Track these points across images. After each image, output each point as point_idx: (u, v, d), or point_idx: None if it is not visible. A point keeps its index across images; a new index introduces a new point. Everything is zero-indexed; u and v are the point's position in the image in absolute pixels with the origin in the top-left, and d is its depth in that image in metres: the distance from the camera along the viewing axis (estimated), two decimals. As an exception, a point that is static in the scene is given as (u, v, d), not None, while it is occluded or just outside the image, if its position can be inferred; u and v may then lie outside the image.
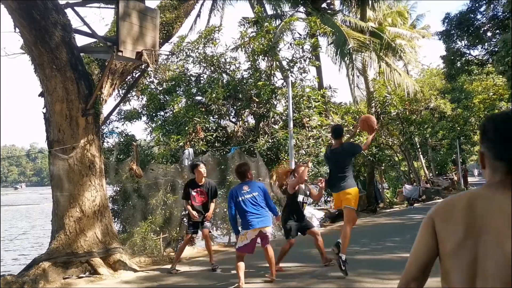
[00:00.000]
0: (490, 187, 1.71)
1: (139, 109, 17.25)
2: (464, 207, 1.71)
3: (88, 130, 9.08)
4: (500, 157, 1.71)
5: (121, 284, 7.57)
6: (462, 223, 1.68)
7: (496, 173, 1.71)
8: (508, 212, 1.60)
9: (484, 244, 1.62)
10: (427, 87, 32.49)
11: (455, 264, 1.68)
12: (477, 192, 1.74)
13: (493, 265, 1.59)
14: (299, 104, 16.02)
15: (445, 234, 1.73)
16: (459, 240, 1.68)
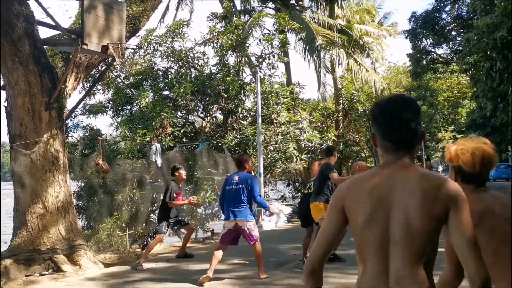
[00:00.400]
0: (388, 164, 1.95)
1: (105, 103, 16.95)
2: (370, 185, 1.91)
3: (52, 125, 8.86)
4: (386, 138, 1.95)
5: (85, 281, 7.44)
6: (371, 199, 1.88)
7: (388, 152, 1.96)
8: (411, 185, 1.85)
9: (393, 215, 1.84)
10: (393, 84, 33.08)
11: (368, 236, 1.88)
12: (378, 171, 1.95)
13: (403, 232, 1.81)
14: (267, 100, 16.05)
15: (355, 211, 1.91)
16: (369, 214, 1.87)
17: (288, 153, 15.74)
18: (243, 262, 8.48)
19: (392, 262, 1.82)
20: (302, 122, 17.17)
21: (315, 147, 17.60)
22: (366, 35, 28.18)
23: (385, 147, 1.97)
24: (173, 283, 6.98)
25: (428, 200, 1.82)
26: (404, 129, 1.92)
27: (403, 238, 1.81)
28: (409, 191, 1.84)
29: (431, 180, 1.87)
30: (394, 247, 1.82)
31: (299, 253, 8.83)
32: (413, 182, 1.86)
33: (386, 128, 1.95)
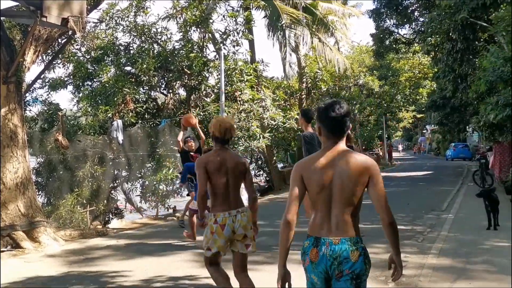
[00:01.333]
0: (328, 148, 2.89)
1: (65, 77, 16.56)
2: (318, 163, 2.85)
3: (10, 99, 8.64)
4: (328, 129, 2.88)
5: (45, 258, 7.38)
6: (319, 173, 2.82)
7: (329, 138, 2.89)
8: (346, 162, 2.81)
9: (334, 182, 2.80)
10: (356, 63, 33.41)
11: (319, 196, 2.83)
12: (322, 153, 2.88)
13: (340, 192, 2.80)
14: (231, 77, 16.00)
15: (310, 181, 2.85)
16: (321, 183, 2.81)
17: (251, 131, 15.81)
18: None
19: (333, 211, 2.82)
20: (265, 100, 17.23)
21: (278, 125, 17.73)
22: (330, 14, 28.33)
23: (328, 136, 2.90)
24: (134, 260, 7.01)
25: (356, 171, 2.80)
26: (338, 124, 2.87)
27: (340, 196, 2.80)
28: (344, 166, 2.81)
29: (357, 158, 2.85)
30: (334, 202, 2.82)
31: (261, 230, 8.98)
32: (346, 160, 2.83)
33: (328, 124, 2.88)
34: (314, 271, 2.80)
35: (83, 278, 6.04)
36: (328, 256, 2.76)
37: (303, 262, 2.86)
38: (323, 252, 2.77)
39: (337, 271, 2.76)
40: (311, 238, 2.84)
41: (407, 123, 58.48)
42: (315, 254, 2.79)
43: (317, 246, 2.79)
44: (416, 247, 7.59)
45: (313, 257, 2.80)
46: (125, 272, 6.30)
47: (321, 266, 2.77)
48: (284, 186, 20.95)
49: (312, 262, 2.80)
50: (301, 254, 2.88)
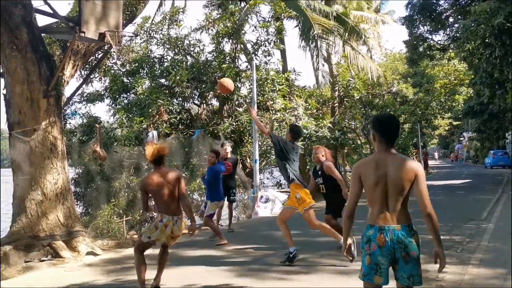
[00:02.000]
0: (381, 151, 3.56)
1: (102, 91, 17.00)
2: (373, 163, 3.52)
3: (50, 112, 8.94)
4: (383, 136, 3.55)
5: (84, 267, 7.56)
6: (374, 171, 3.47)
7: (381, 144, 3.55)
8: (397, 162, 3.47)
9: (388, 179, 3.45)
10: (389, 71, 33.04)
11: (375, 192, 3.48)
12: (377, 155, 3.57)
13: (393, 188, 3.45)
14: (263, 87, 16.10)
15: (366, 178, 3.51)
16: (374, 181, 3.47)
17: (284, 140, 15.83)
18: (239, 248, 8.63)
19: (389, 203, 3.47)
20: (297, 109, 17.26)
21: (310, 134, 17.71)
22: (363, 22, 28.13)
23: (381, 143, 3.57)
24: (170, 269, 7.10)
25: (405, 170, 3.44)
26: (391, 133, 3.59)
27: (394, 190, 3.45)
28: (396, 167, 3.46)
29: (405, 160, 3.53)
30: (389, 196, 3.47)
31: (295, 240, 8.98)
32: (398, 162, 3.49)
33: (383, 133, 3.56)
34: (382, 254, 3.39)
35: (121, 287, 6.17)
36: (394, 241, 3.38)
37: (368, 248, 3.44)
38: (389, 238, 3.39)
39: (403, 253, 3.39)
40: (376, 227, 3.46)
41: (443, 130, 57.36)
42: (383, 240, 3.39)
43: (382, 233, 3.41)
44: (455, 257, 7.43)
45: (380, 242, 3.39)
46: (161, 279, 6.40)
47: (388, 250, 3.38)
48: (318, 196, 20.79)
49: (380, 247, 3.39)
50: (365, 241, 3.48)
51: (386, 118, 3.76)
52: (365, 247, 3.48)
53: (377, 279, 3.43)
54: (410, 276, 3.41)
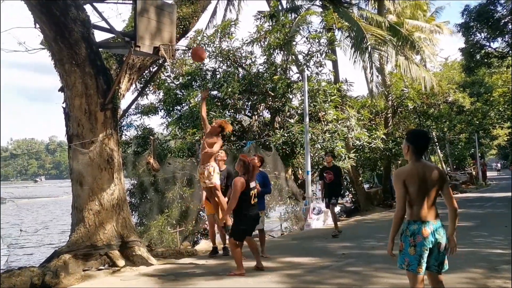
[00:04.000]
0: (418, 161, 4.29)
1: (156, 103, 17.38)
2: (414, 170, 4.24)
3: (107, 125, 9.19)
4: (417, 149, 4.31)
5: (139, 277, 7.67)
6: (417, 178, 4.19)
7: (416, 155, 4.29)
8: (430, 169, 4.26)
9: (427, 184, 4.18)
10: (445, 80, 32.13)
11: (417, 195, 4.18)
12: (415, 164, 4.27)
13: (431, 191, 4.20)
14: (314, 98, 16.02)
15: (410, 183, 4.19)
16: (418, 185, 4.18)
17: (336, 151, 15.66)
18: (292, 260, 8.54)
19: (427, 203, 4.18)
20: (350, 119, 17.04)
21: (363, 145, 17.43)
22: (417, 30, 27.57)
23: (415, 153, 4.32)
24: (223, 280, 7.11)
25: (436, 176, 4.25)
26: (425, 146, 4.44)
27: (430, 193, 4.21)
28: (431, 173, 4.24)
29: (436, 168, 4.42)
30: (427, 197, 4.20)
31: (348, 252, 8.81)
32: (431, 169, 4.31)
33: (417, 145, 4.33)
34: (426, 244, 4.09)
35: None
36: (434, 233, 4.12)
37: (413, 240, 4.11)
38: (431, 230, 4.12)
39: (439, 242, 4.15)
40: (419, 222, 4.15)
41: (502, 140, 55.13)
42: (427, 232, 4.10)
43: (426, 227, 4.12)
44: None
45: (425, 234, 4.10)
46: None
47: (430, 240, 4.10)
48: (370, 207, 20.42)
49: (425, 238, 4.08)
50: (410, 235, 4.13)
51: (422, 132, 4.61)
52: (409, 240, 4.13)
53: (420, 269, 4.13)
54: (440, 264, 4.22)
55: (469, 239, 10.62)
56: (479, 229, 12.30)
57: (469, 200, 23.94)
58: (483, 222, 13.96)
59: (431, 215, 4.17)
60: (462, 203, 21.77)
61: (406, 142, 4.33)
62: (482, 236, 11.05)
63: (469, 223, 13.95)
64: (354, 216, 18.42)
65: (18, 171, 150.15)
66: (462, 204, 21.39)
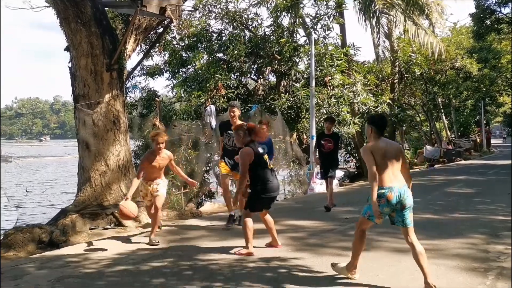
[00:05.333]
0: (380, 139, 5.00)
1: (161, 65, 17.27)
2: (379, 146, 4.92)
3: (113, 85, 9.18)
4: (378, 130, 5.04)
5: (145, 236, 7.80)
6: (381, 152, 4.88)
7: (377, 134, 5.02)
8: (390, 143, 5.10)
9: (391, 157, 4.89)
10: (453, 46, 31.71)
11: (383, 167, 4.83)
12: (378, 141, 4.97)
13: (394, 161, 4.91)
14: (321, 62, 15.87)
15: (376, 157, 4.86)
16: (382, 158, 4.86)
17: (341, 116, 15.62)
18: (295, 223, 8.64)
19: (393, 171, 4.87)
20: (356, 85, 16.92)
21: (369, 110, 17.37)
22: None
23: (377, 133, 5.04)
24: (228, 241, 7.22)
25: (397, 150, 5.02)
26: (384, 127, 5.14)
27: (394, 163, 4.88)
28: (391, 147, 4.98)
29: (395, 143, 5.36)
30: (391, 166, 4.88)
31: (351, 216, 8.90)
32: (391, 144, 5.10)
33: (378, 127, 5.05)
34: (388, 206, 4.81)
35: (181, 256, 6.33)
36: (398, 196, 4.80)
37: (378, 201, 4.78)
38: (396, 194, 4.79)
39: (401, 204, 4.82)
40: (386, 188, 4.81)
41: (508, 108, 54.83)
42: (391, 196, 4.78)
43: (391, 191, 4.79)
44: (520, 239, 7.16)
45: (390, 197, 4.78)
46: (219, 250, 6.53)
47: (393, 202, 4.79)
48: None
49: (389, 201, 4.78)
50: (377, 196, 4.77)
51: (381, 116, 5.43)
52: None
53: (376, 221, 4.93)
54: (404, 220, 4.88)
55: (472, 206, 10.71)
56: (482, 196, 12.36)
57: (472, 167, 24.00)
58: (486, 189, 14.03)
59: (396, 181, 4.89)
60: (465, 170, 21.87)
61: (368, 125, 5.10)
62: (484, 203, 11.12)
63: (472, 190, 14.03)
64: (357, 181, 18.53)
65: (23, 130, 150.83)
66: (465, 171, 21.51)
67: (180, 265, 5.87)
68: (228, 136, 8.20)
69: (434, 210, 10.05)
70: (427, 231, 7.74)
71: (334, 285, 5.00)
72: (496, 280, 5.10)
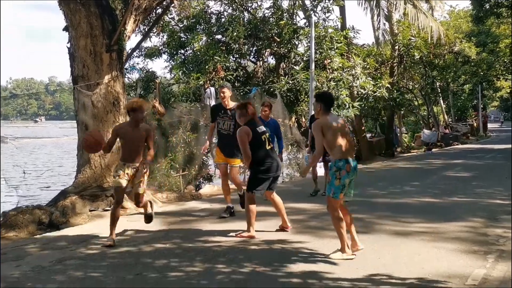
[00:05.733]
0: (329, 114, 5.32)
1: (160, 46, 17.14)
2: (329, 122, 5.21)
3: (112, 66, 9.10)
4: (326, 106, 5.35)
5: (145, 218, 7.80)
6: (332, 127, 5.18)
7: (326, 112, 5.32)
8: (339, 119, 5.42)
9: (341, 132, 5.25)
10: (452, 29, 31.57)
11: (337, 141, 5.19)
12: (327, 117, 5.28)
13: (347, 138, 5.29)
14: (321, 45, 15.77)
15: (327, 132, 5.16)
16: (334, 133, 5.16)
17: (341, 100, 15.58)
18: (295, 206, 8.67)
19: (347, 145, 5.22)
20: (355, 68, 16.84)
21: (368, 94, 17.32)
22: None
23: (326, 109, 5.30)
24: (228, 223, 7.24)
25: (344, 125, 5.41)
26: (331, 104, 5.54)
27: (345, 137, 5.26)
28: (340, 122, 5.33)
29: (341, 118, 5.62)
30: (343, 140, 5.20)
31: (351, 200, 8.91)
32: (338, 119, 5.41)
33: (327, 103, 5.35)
34: (348, 176, 5.18)
35: (182, 238, 6.35)
36: (354, 168, 5.25)
37: (339, 174, 5.15)
38: (352, 166, 5.20)
39: (354, 176, 5.30)
40: (343, 160, 5.18)
41: (505, 92, 54.82)
42: (349, 168, 5.17)
43: (348, 163, 5.17)
44: (518, 224, 7.20)
45: (348, 169, 5.16)
46: (220, 233, 6.55)
47: (351, 174, 5.21)
48: (372, 157, 20.55)
49: (348, 172, 5.15)
50: (336, 170, 5.16)
51: (328, 94, 5.90)
52: (336, 174, 5.17)
53: (341, 196, 5.21)
54: (351, 192, 5.37)
55: (470, 190, 10.76)
56: (480, 180, 12.42)
57: (469, 151, 24.08)
58: (483, 173, 14.09)
59: (351, 154, 5.30)
60: (462, 154, 21.95)
61: (317, 103, 5.36)
62: (482, 187, 11.18)
63: (470, 173, 14.09)
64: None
65: (18, 111, 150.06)
66: (462, 155, 21.59)
67: (182, 247, 5.89)
68: (222, 119, 7.74)
69: (433, 194, 10.10)
70: (426, 215, 7.79)
71: (336, 266, 5.02)
72: (495, 263, 5.14)
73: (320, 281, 4.57)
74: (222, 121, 7.73)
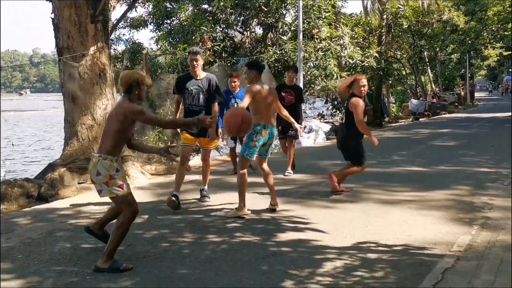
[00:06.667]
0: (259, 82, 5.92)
1: (145, 17, 16.87)
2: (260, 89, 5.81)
3: (98, 38, 8.96)
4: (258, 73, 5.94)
5: (135, 190, 7.69)
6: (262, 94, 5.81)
7: (258, 78, 5.92)
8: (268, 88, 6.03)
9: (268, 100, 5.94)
10: (441, -2, 31.39)
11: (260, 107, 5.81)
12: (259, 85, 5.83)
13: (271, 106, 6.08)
14: (309, 14, 15.62)
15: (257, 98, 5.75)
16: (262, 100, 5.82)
17: (329, 70, 15.53)
18: (284, 177, 8.72)
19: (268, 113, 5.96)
20: (343, 38, 16.74)
21: (356, 64, 17.27)
22: None
23: (257, 77, 5.89)
24: (217, 194, 7.28)
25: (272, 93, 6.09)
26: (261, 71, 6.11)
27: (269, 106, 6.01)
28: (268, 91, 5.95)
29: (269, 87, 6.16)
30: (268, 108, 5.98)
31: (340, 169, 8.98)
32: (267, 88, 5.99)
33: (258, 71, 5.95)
34: (262, 141, 5.78)
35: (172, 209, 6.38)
36: (270, 134, 5.84)
37: (255, 137, 5.70)
38: (268, 131, 5.81)
39: (270, 140, 5.92)
40: (262, 125, 5.74)
41: (493, 61, 54.97)
42: (265, 133, 5.77)
43: (265, 129, 5.77)
44: (502, 190, 7.34)
45: (264, 134, 5.77)
46: (209, 204, 6.60)
47: (266, 138, 5.80)
48: (360, 127, 20.58)
49: (263, 136, 5.75)
50: (253, 133, 5.65)
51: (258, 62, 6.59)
52: (252, 137, 5.69)
53: (253, 157, 5.82)
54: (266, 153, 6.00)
55: (456, 158, 10.90)
56: (467, 149, 12.57)
57: (457, 120, 24.29)
58: (470, 142, 14.25)
59: (269, 121, 5.85)
60: (449, 124, 22.13)
61: (250, 71, 5.86)
62: (469, 156, 11.32)
63: (457, 142, 14.24)
64: (343, 135, 18.62)
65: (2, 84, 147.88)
66: (449, 124, 21.76)
67: (172, 219, 5.92)
68: (190, 94, 6.44)
69: (420, 163, 10.22)
70: (413, 183, 7.90)
71: (325, 235, 5.09)
72: (480, 230, 5.25)
73: (308, 249, 4.64)
74: (190, 95, 6.44)
